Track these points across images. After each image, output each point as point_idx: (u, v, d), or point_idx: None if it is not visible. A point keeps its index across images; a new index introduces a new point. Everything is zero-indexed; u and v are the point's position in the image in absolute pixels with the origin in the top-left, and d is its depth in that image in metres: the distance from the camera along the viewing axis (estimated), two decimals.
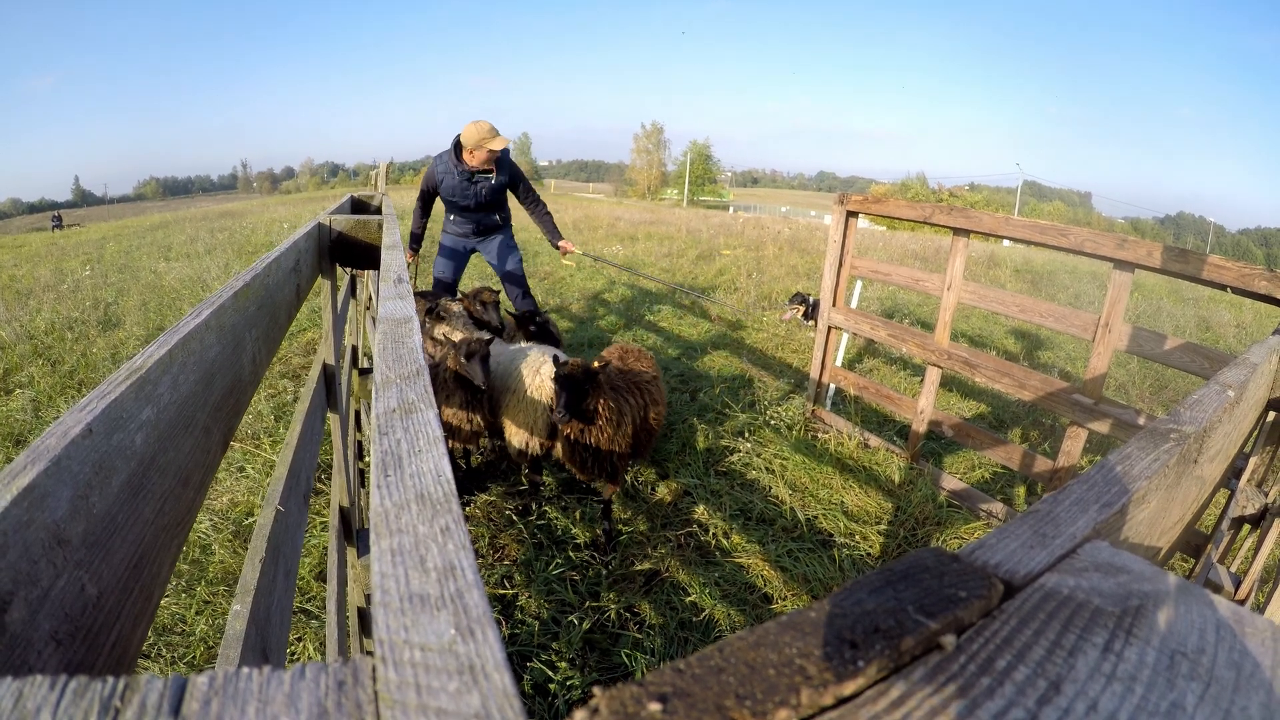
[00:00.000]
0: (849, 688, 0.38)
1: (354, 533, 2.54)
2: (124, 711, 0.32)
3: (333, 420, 2.46)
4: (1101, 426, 3.61)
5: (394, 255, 1.66)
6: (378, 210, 2.65)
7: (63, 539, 0.55)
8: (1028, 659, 0.41)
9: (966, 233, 4.31)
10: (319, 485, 4.07)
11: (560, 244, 6.11)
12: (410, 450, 0.59)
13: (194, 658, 2.92)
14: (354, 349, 3.65)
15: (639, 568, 3.64)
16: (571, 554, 3.68)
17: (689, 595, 3.40)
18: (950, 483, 4.49)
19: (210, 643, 2.99)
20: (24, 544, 0.50)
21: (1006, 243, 18.71)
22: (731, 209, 63.78)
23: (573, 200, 41.06)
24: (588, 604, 3.35)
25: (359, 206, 2.75)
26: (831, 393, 5.65)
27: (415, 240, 5.98)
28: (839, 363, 5.69)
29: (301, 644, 3.01)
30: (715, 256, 13.44)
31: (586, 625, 3.19)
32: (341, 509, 2.46)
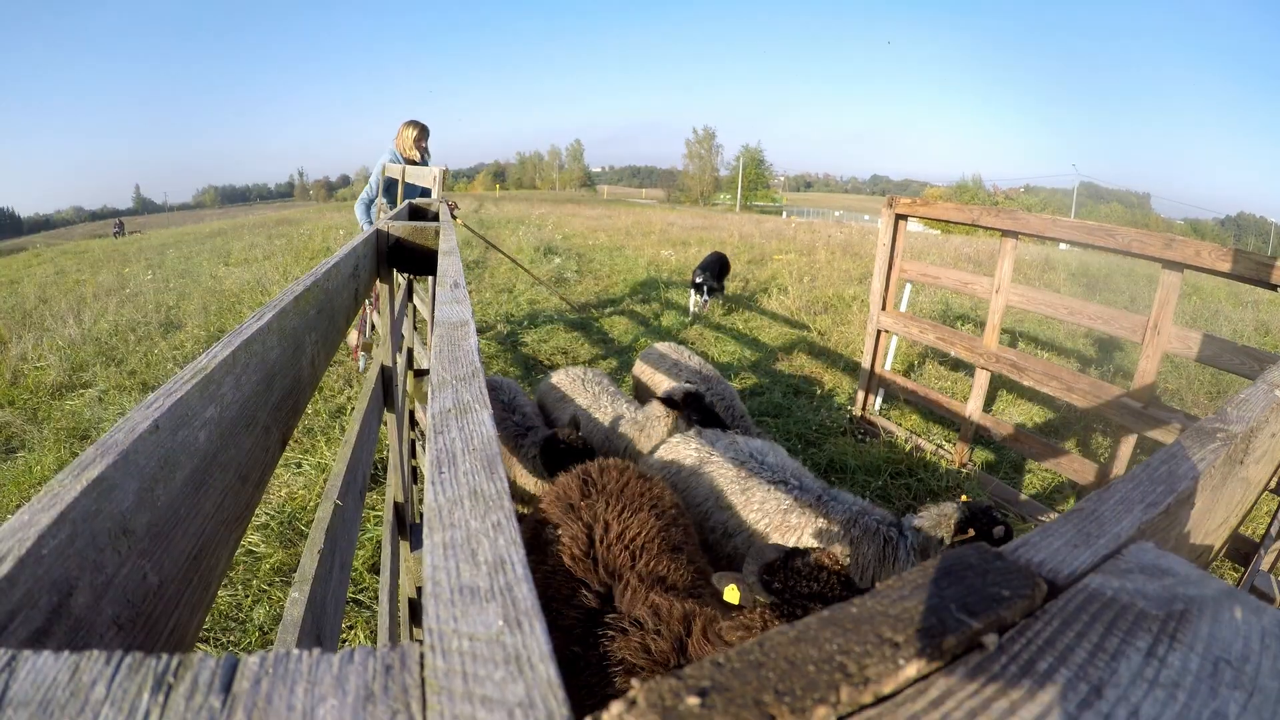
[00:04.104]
0: (889, 686, 0.38)
1: (407, 527, 2.59)
2: (176, 687, 0.33)
3: (389, 420, 2.51)
4: (1151, 431, 3.53)
5: (450, 260, 1.67)
6: (435, 217, 2.69)
7: (128, 529, 0.57)
8: (1070, 662, 0.40)
9: (1015, 235, 4.25)
10: (374, 481, 4.13)
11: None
12: (465, 448, 0.59)
13: (250, 644, 3.01)
14: (410, 351, 3.70)
15: None
16: None
17: None
18: (998, 486, 4.42)
19: (266, 629, 3.07)
20: (91, 533, 0.52)
21: (1063, 246, 18.32)
22: (785, 214, 63.12)
23: (625, 207, 41.00)
24: None
25: (416, 214, 2.79)
26: (881, 395, 5.61)
27: None
28: (888, 366, 5.64)
29: (353, 632, 3.08)
30: (767, 261, 13.35)
31: None
32: (396, 504, 2.50)
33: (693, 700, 0.36)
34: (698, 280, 8.17)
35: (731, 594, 1.94)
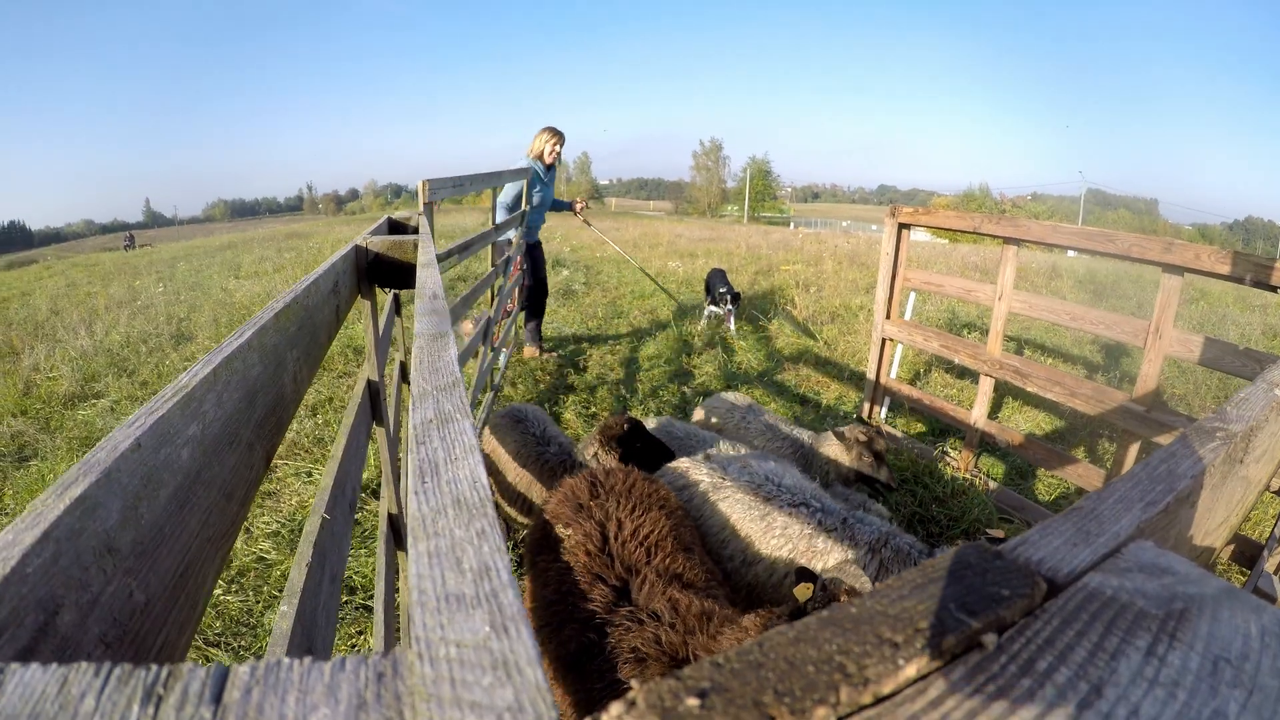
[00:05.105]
0: (888, 686, 0.38)
1: (403, 538, 2.60)
2: (166, 699, 0.33)
3: (379, 433, 2.51)
4: (1154, 435, 3.53)
5: (429, 273, 1.68)
6: (415, 230, 2.70)
7: (113, 547, 0.57)
8: (1069, 661, 0.40)
9: (1017, 242, 4.26)
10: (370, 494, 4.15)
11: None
12: (447, 458, 0.60)
13: (261, 648, 3.02)
14: (402, 365, 3.72)
15: None
16: None
17: None
18: (1004, 493, 4.41)
19: None
20: (75, 551, 0.52)
21: (1071, 253, 18.29)
22: (792, 224, 62.87)
23: (634, 218, 40.97)
24: None
25: (396, 228, 2.80)
26: (887, 404, 5.61)
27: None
28: (894, 374, 5.64)
29: (363, 637, 3.10)
30: (774, 272, 13.34)
31: None
32: (390, 516, 2.51)
33: (692, 701, 0.36)
34: (722, 290, 8.32)
35: (804, 591, 1.99)
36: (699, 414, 4.70)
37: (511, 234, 6.22)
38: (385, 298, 3.79)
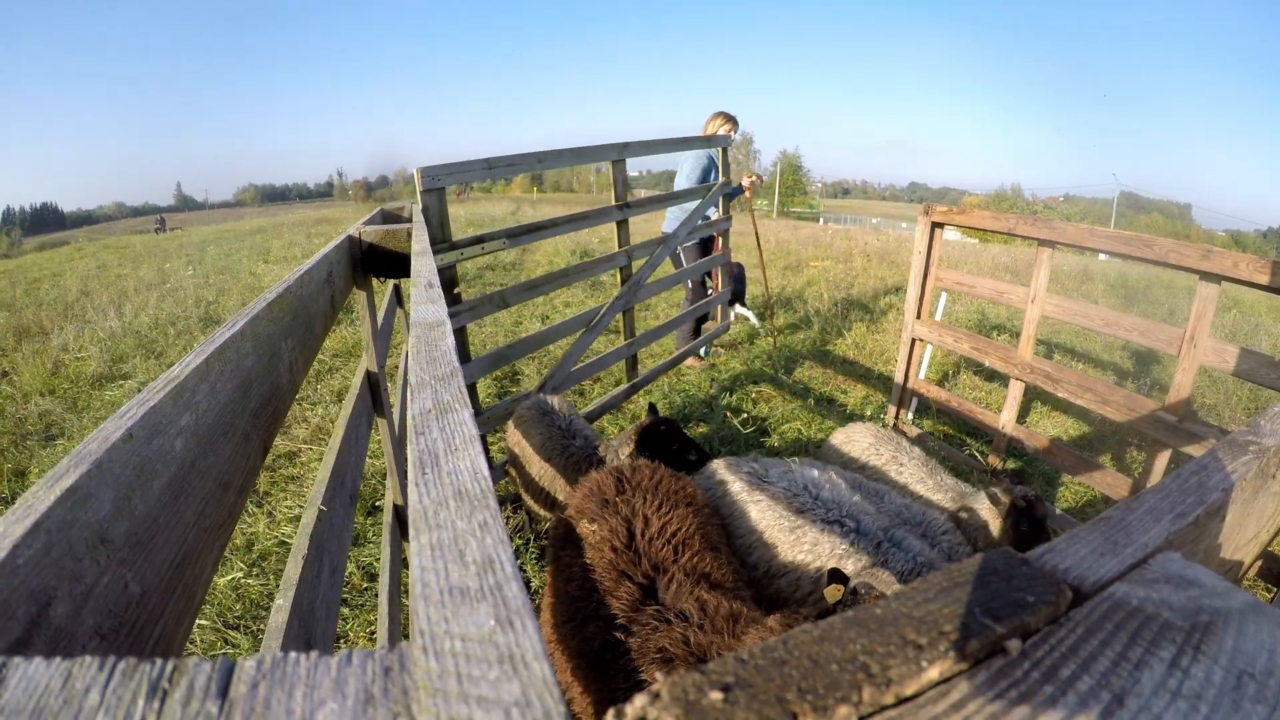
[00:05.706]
0: (911, 687, 0.38)
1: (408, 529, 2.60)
2: (172, 693, 0.33)
3: (380, 424, 2.52)
4: (1186, 445, 3.46)
5: (424, 261, 1.68)
6: (408, 220, 2.68)
7: (106, 538, 0.57)
8: (1092, 670, 0.40)
9: (1052, 244, 4.19)
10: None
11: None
12: (447, 449, 0.60)
13: None
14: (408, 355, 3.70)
15: None
16: None
17: None
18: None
19: None
20: (68, 542, 0.52)
21: (1102, 256, 17.95)
22: (822, 220, 62.32)
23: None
24: None
25: (389, 218, 2.78)
26: (915, 405, 5.56)
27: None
28: (923, 375, 5.59)
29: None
30: (803, 268, 13.20)
31: None
32: (396, 507, 2.52)
33: (716, 695, 0.36)
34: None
35: (833, 594, 1.97)
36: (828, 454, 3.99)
37: (711, 211, 6.01)
38: (385, 288, 3.78)
